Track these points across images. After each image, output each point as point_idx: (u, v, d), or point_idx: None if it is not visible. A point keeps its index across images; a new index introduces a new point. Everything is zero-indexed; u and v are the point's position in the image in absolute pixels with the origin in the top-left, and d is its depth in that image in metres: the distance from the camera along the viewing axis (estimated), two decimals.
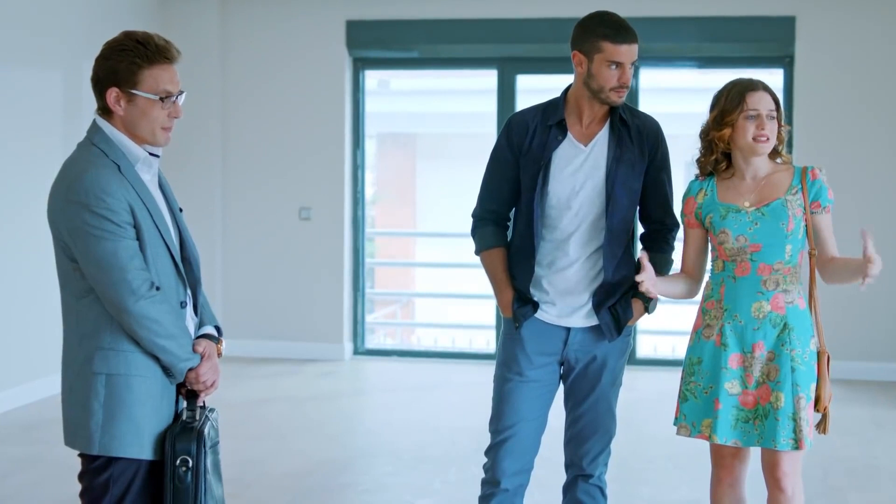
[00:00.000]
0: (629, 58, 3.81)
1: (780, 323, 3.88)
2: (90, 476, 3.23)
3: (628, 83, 3.83)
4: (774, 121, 3.89)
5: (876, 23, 8.60)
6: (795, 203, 3.88)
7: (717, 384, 3.93)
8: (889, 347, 8.65)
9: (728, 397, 3.92)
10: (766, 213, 3.88)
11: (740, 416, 3.92)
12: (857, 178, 8.53)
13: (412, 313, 12.91)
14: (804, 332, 3.89)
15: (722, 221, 3.93)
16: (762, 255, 3.88)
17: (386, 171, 13.39)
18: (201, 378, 3.31)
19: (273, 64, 9.38)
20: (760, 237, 3.88)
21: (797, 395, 3.84)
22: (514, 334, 4.02)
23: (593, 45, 3.81)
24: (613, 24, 3.82)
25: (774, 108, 3.89)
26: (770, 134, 3.88)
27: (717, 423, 3.92)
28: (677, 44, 8.96)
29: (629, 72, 3.82)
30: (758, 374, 3.89)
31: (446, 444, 6.76)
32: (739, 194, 3.95)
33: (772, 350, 3.88)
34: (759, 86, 3.90)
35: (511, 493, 4.03)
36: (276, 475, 6.11)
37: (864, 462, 6.45)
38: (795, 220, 3.87)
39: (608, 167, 3.90)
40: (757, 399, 3.89)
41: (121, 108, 3.22)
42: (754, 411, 3.90)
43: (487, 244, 4.09)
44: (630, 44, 3.80)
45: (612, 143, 3.91)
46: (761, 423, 3.88)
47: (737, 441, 3.93)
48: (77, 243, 3.15)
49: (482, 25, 9.10)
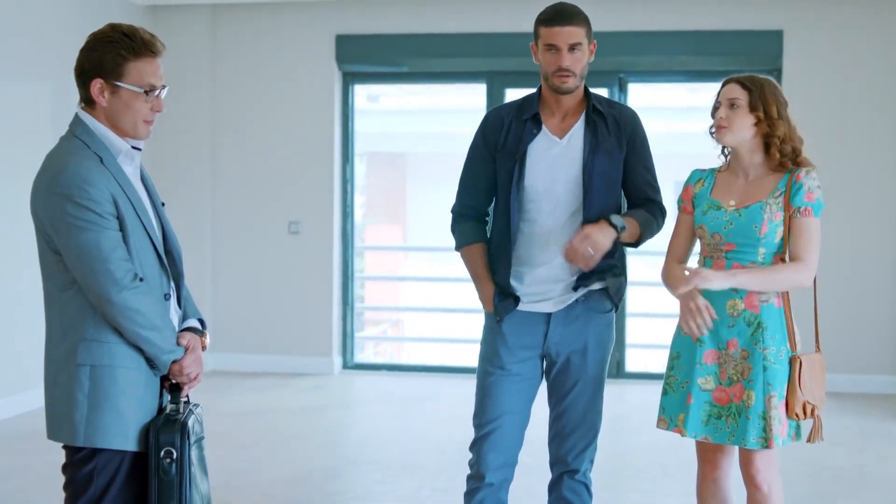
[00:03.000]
0: (564, 40, 3.83)
1: (755, 321, 3.88)
2: (74, 467, 3.22)
3: (565, 66, 3.84)
4: (739, 109, 3.89)
5: (862, 36, 8.65)
6: (775, 206, 3.87)
7: (691, 379, 3.95)
8: (877, 360, 8.66)
9: (700, 392, 3.94)
10: (743, 214, 3.89)
11: (713, 413, 3.93)
12: (844, 189, 8.55)
13: (401, 331, 12.89)
14: (778, 331, 3.89)
15: (703, 217, 3.97)
16: (735, 254, 3.90)
17: (376, 191, 13.38)
18: (185, 370, 3.31)
19: (263, 78, 9.40)
20: (734, 237, 3.90)
21: (768, 394, 3.84)
22: (496, 328, 4.03)
23: (536, 31, 3.93)
24: (550, 9, 3.89)
25: (740, 98, 3.89)
26: (726, 120, 3.91)
27: (687, 417, 3.95)
28: (665, 57, 8.99)
29: (566, 55, 3.83)
30: (731, 371, 3.91)
31: (435, 454, 6.75)
32: (730, 192, 3.97)
33: (745, 348, 3.89)
34: (731, 80, 3.95)
35: (496, 487, 4.03)
36: (264, 483, 6.09)
37: (853, 470, 6.46)
38: (771, 224, 3.86)
39: (584, 159, 3.91)
40: (731, 397, 3.90)
41: (104, 99, 3.23)
42: (727, 408, 3.91)
43: (467, 240, 4.11)
44: (563, 26, 3.83)
45: (587, 135, 3.93)
46: (734, 421, 3.89)
47: (707, 437, 3.94)
48: (60, 234, 3.15)
49: (471, 40, 9.14)
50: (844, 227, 8.60)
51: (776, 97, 3.91)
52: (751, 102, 3.89)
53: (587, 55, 3.90)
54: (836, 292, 8.63)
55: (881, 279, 8.68)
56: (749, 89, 3.90)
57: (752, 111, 3.89)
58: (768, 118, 3.89)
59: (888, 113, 8.63)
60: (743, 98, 3.89)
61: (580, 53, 3.86)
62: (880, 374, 8.65)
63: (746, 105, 3.89)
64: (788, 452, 6.77)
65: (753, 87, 3.90)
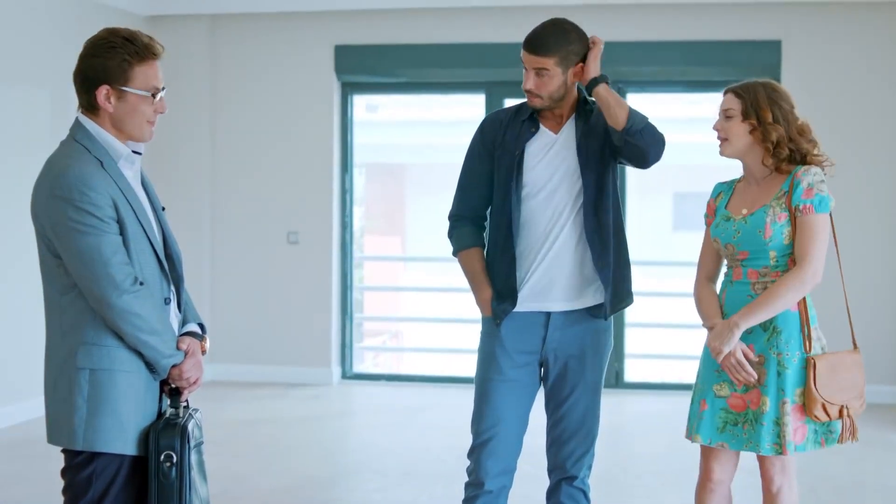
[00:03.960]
0: (529, 63, 3.91)
1: (770, 326, 3.87)
2: (73, 471, 3.22)
3: (527, 87, 3.92)
4: (733, 119, 3.90)
5: (861, 46, 8.67)
6: (779, 208, 3.87)
7: (706, 385, 3.95)
8: (877, 370, 8.64)
9: (715, 399, 3.93)
10: (749, 221, 3.90)
11: (728, 419, 3.92)
12: (843, 198, 8.52)
13: (400, 342, 12.89)
14: (793, 335, 3.87)
15: (715, 230, 4.01)
16: (750, 261, 3.91)
17: (375, 202, 13.41)
18: (184, 375, 3.31)
19: (262, 88, 9.41)
20: (745, 245, 3.90)
21: (782, 400, 3.82)
22: (494, 332, 4.04)
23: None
24: (533, 31, 3.94)
25: (733, 108, 3.89)
26: (723, 132, 3.92)
27: (700, 423, 3.94)
28: (664, 67, 9.00)
29: (531, 77, 3.90)
30: None
31: (433, 462, 6.74)
32: (743, 202, 3.98)
33: (761, 353, 3.87)
34: (728, 90, 3.95)
35: (495, 494, 4.03)
36: (262, 491, 6.09)
37: (851, 479, 6.46)
38: (775, 226, 3.86)
39: (577, 140, 3.97)
40: (747, 403, 3.89)
41: (111, 105, 3.24)
42: (744, 415, 3.89)
43: (465, 244, 4.13)
44: (528, 53, 3.90)
45: (579, 123, 3.99)
46: (750, 427, 3.87)
47: (723, 444, 3.93)
48: (60, 238, 3.16)
49: (470, 50, 9.16)
50: (843, 236, 8.50)
51: (772, 100, 3.89)
52: (744, 111, 3.89)
53: (557, 79, 3.91)
54: (834, 302, 8.62)
55: (881, 289, 8.69)
56: (742, 98, 3.90)
57: (746, 119, 3.89)
58: (762, 124, 3.88)
59: (886, 122, 8.65)
60: (737, 107, 3.90)
61: (546, 78, 3.90)
62: (880, 384, 8.64)
63: (740, 114, 3.89)
64: None
65: (747, 95, 3.89)
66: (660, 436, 7.54)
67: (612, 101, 3.86)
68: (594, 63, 3.92)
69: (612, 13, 8.72)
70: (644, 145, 3.88)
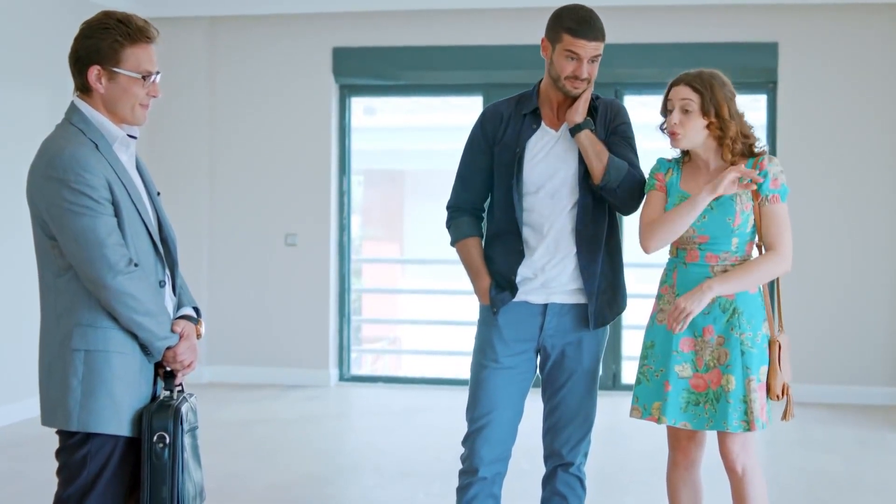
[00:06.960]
0: (587, 53, 3.87)
1: (730, 308, 3.92)
2: (67, 452, 3.22)
3: (582, 76, 3.88)
4: (690, 114, 3.89)
5: (857, 48, 8.69)
6: (745, 196, 3.91)
7: (668, 367, 3.97)
8: (873, 371, 8.66)
9: (678, 380, 3.96)
10: (715, 207, 3.91)
11: (690, 399, 3.96)
12: (841, 200, 8.59)
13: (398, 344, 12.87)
14: (754, 316, 3.93)
15: None
16: (709, 245, 3.94)
17: (374, 208, 13.41)
18: (179, 357, 3.32)
19: (260, 90, 9.43)
20: (708, 230, 3.93)
21: (748, 378, 3.89)
22: (491, 321, 4.04)
23: (557, 34, 3.90)
24: (579, 18, 3.89)
25: (692, 101, 3.88)
26: (678, 126, 3.91)
27: (665, 404, 3.97)
28: (661, 69, 8.98)
29: (585, 66, 3.88)
30: (708, 357, 3.94)
31: (431, 461, 6.74)
32: (697, 185, 3.97)
33: (721, 334, 3.93)
34: (680, 80, 3.94)
35: (489, 481, 4.03)
36: (259, 488, 6.09)
37: (848, 477, 6.46)
38: (743, 214, 3.91)
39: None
40: (708, 383, 3.94)
41: (101, 86, 3.26)
42: (705, 394, 3.94)
43: (463, 234, 4.13)
44: (590, 41, 3.86)
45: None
46: (711, 407, 3.92)
47: (686, 423, 3.97)
48: (55, 219, 3.16)
49: (468, 52, 9.18)
50: (841, 238, 8.62)
51: (725, 95, 3.90)
52: (703, 106, 3.88)
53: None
54: (832, 303, 8.64)
55: (878, 290, 8.69)
56: (700, 92, 3.88)
57: (704, 115, 3.90)
58: (720, 120, 3.89)
59: (884, 124, 8.65)
60: (695, 101, 3.89)
61: (597, 63, 3.94)
62: (876, 385, 8.64)
63: (699, 109, 3.89)
64: (784, 459, 6.80)
65: (704, 90, 3.88)
66: (656, 436, 7.50)
67: (591, 153, 3.88)
68: (583, 105, 3.92)
69: (609, 15, 8.65)
70: (618, 203, 3.95)
